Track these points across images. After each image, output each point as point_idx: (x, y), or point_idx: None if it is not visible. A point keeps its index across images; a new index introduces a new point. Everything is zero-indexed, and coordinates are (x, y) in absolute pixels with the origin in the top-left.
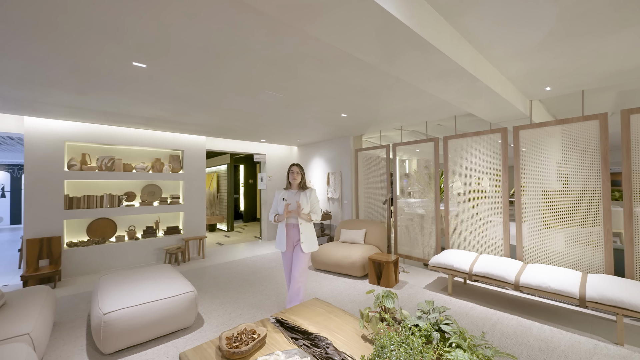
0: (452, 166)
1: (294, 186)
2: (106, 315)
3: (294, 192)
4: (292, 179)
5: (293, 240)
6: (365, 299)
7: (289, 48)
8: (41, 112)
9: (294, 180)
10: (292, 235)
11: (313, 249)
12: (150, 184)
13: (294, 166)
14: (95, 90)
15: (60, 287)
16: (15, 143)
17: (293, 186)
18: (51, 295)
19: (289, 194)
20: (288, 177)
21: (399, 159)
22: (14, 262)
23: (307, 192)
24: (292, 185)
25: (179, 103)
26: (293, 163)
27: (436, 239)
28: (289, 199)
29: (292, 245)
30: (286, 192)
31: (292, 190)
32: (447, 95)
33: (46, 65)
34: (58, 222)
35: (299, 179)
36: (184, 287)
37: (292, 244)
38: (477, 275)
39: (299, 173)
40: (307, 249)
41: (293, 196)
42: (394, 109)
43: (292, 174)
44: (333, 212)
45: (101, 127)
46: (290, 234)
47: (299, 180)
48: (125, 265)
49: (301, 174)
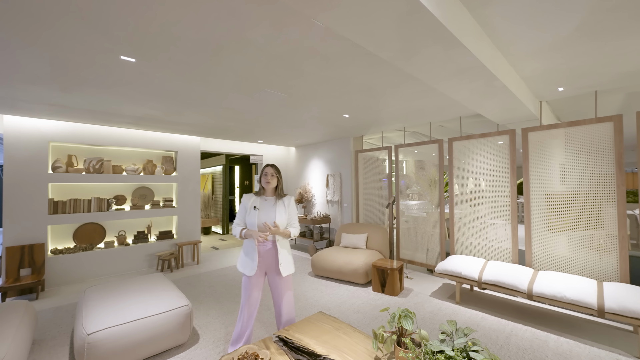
0: (457, 168)
1: (269, 192)
2: (90, 336)
3: (269, 199)
4: (266, 183)
5: (267, 262)
6: (370, 310)
7: (293, 42)
8: (22, 110)
9: (267, 184)
10: (266, 256)
11: (291, 270)
12: (142, 187)
13: (269, 167)
14: (81, 87)
15: (43, 299)
16: None
17: (267, 192)
18: (30, 310)
19: (262, 201)
20: (260, 180)
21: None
22: None
23: (285, 201)
24: (266, 190)
25: (171, 101)
26: (267, 164)
27: (440, 243)
28: (263, 208)
29: (263, 269)
30: (258, 199)
31: (266, 197)
32: (459, 94)
33: (24, 59)
34: (41, 227)
35: (274, 183)
36: (177, 301)
37: (265, 266)
38: (487, 283)
39: (274, 176)
40: (286, 272)
41: (268, 205)
42: (398, 109)
43: (265, 177)
44: (332, 215)
45: (89, 126)
46: (264, 253)
47: (275, 184)
48: (114, 273)
49: (277, 177)
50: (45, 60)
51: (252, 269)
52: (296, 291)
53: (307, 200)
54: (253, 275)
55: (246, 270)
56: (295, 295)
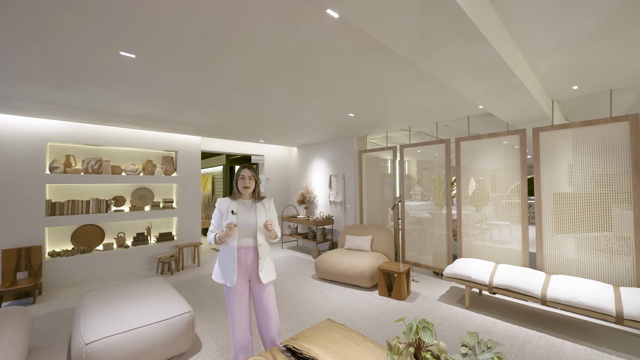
0: (464, 169)
1: (246, 195)
2: (88, 346)
3: (247, 202)
4: (243, 187)
5: (248, 268)
6: (378, 315)
7: (304, 36)
8: (18, 109)
9: (245, 188)
10: (246, 262)
11: (273, 277)
12: (141, 187)
13: (245, 169)
14: (77, 84)
15: (41, 303)
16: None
17: (244, 195)
18: (26, 317)
19: (239, 205)
20: (237, 184)
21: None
22: None
23: (265, 204)
24: (243, 194)
25: (173, 100)
26: (243, 165)
27: (447, 245)
28: (242, 212)
29: (245, 277)
30: (235, 202)
31: (244, 201)
32: (473, 92)
33: (16, 54)
34: (39, 230)
35: (252, 187)
36: (179, 307)
37: (247, 274)
38: (499, 287)
39: (251, 178)
40: (267, 278)
41: (246, 208)
42: (405, 108)
43: (242, 180)
44: (335, 217)
45: (87, 126)
46: (244, 260)
47: (253, 187)
48: (113, 276)
49: (255, 179)
50: (38, 56)
51: (231, 279)
52: (300, 295)
53: (309, 201)
54: (234, 285)
55: (226, 281)
56: (300, 300)
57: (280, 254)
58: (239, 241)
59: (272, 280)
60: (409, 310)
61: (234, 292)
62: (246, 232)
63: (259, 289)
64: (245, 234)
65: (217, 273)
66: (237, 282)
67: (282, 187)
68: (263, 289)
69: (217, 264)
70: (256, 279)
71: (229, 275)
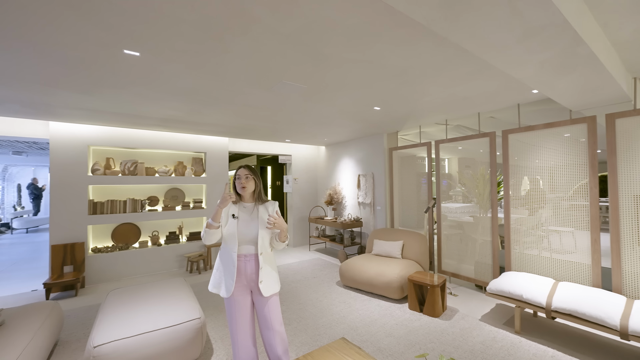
0: (514, 166)
1: (246, 197)
2: (96, 349)
3: (248, 206)
4: (241, 188)
5: (248, 279)
6: (405, 334)
7: (306, 13)
8: (62, 116)
9: (243, 189)
10: (246, 272)
11: (276, 289)
12: (173, 188)
13: (242, 169)
14: (97, 88)
15: (82, 295)
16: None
17: (245, 198)
18: (56, 312)
19: (240, 209)
20: (234, 185)
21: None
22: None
23: (269, 207)
24: (243, 196)
25: (187, 100)
26: (241, 165)
27: (493, 255)
28: (243, 216)
29: (246, 287)
30: (236, 206)
31: (245, 204)
32: (524, 70)
33: (35, 60)
34: (82, 227)
35: (251, 187)
36: (189, 313)
37: (247, 284)
38: (559, 312)
39: (249, 178)
40: (268, 291)
41: (247, 212)
42: (438, 98)
43: (239, 180)
44: (364, 219)
45: (123, 130)
46: (244, 269)
47: (252, 188)
48: (147, 273)
49: (253, 179)
50: (53, 60)
51: (228, 289)
52: (322, 303)
53: (337, 202)
54: (233, 296)
55: (222, 291)
56: (320, 309)
57: (307, 257)
58: (238, 248)
59: (275, 293)
60: (443, 331)
61: (234, 303)
62: (247, 239)
63: (261, 302)
64: (245, 241)
65: (213, 282)
66: (237, 293)
67: (311, 188)
68: (265, 302)
69: (215, 271)
70: (257, 290)
71: (227, 284)
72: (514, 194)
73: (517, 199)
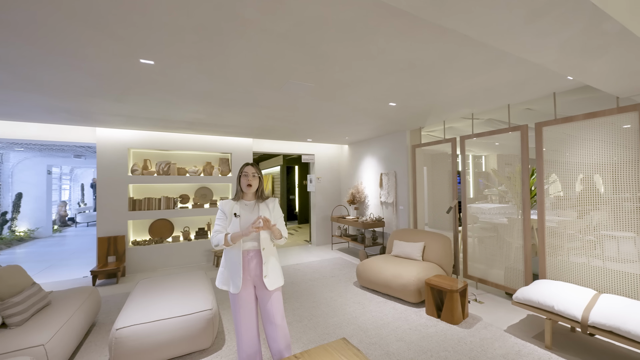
0: (549, 162)
1: (249, 195)
2: (118, 331)
3: (249, 203)
4: (246, 185)
5: (252, 274)
6: (418, 339)
7: (294, 13)
8: (103, 122)
9: (248, 187)
10: (250, 267)
11: (280, 283)
12: (203, 187)
13: (249, 166)
14: (125, 96)
15: (122, 283)
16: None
17: (247, 195)
18: (93, 296)
19: (242, 207)
20: (239, 182)
21: (472, 155)
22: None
23: (269, 204)
24: (246, 194)
25: (206, 103)
26: (246, 162)
27: (525, 260)
28: (244, 214)
29: (250, 282)
30: (237, 204)
31: (246, 202)
32: (544, 55)
33: (71, 73)
34: (123, 222)
35: (255, 185)
36: (202, 304)
37: (251, 280)
38: (597, 327)
39: (255, 176)
40: (272, 285)
41: (248, 210)
42: (458, 91)
43: (245, 178)
44: (387, 219)
45: (158, 133)
46: (249, 265)
47: (256, 186)
48: (178, 265)
49: (259, 177)
50: (85, 72)
51: (236, 285)
52: (336, 303)
53: (359, 202)
54: (239, 292)
55: (231, 288)
56: (333, 308)
57: (329, 256)
58: (242, 244)
59: (279, 287)
60: (461, 339)
61: (239, 298)
62: (249, 236)
63: (265, 296)
64: (248, 237)
65: (221, 279)
66: (242, 289)
67: (334, 187)
68: (269, 297)
69: (221, 269)
70: (261, 285)
71: (235, 281)
72: (556, 192)
73: (563, 199)
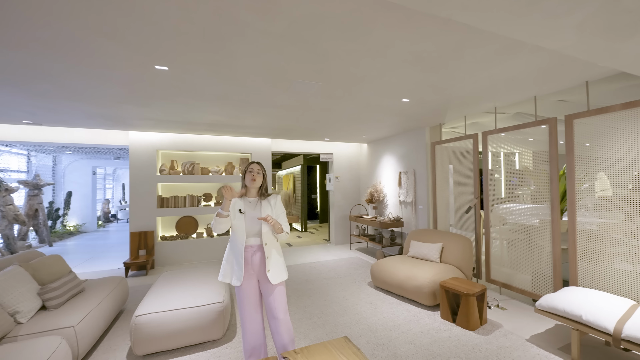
0: (583, 158)
1: (253, 192)
2: (137, 318)
3: (253, 200)
4: (251, 182)
5: (255, 268)
6: (429, 343)
7: (288, 13)
8: (134, 126)
9: (252, 182)
10: (253, 262)
11: (283, 277)
12: None
13: (254, 164)
14: (148, 100)
15: (150, 275)
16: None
17: (251, 192)
18: (122, 285)
19: (245, 203)
20: (244, 178)
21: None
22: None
23: (271, 201)
24: (250, 190)
25: (222, 105)
26: (252, 161)
27: (554, 265)
28: (247, 211)
29: (253, 276)
30: (241, 201)
31: (249, 199)
32: (559, 39)
33: (100, 81)
34: (152, 218)
35: (259, 182)
36: (214, 297)
37: (255, 274)
38: (632, 342)
39: (259, 173)
40: (276, 279)
41: (252, 207)
42: (473, 83)
43: (250, 174)
44: (405, 219)
45: (183, 135)
46: (251, 260)
47: (260, 183)
48: (202, 260)
49: (263, 174)
50: (112, 80)
51: (238, 277)
52: (347, 302)
53: (378, 201)
54: (241, 284)
55: (232, 280)
56: (344, 307)
57: (346, 255)
58: (246, 240)
59: (282, 282)
60: (475, 346)
61: (243, 292)
62: (252, 232)
63: (268, 290)
64: (251, 234)
65: (222, 273)
66: (245, 282)
67: (353, 186)
68: (272, 291)
69: (224, 263)
70: (265, 279)
71: (236, 273)
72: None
73: (607, 200)
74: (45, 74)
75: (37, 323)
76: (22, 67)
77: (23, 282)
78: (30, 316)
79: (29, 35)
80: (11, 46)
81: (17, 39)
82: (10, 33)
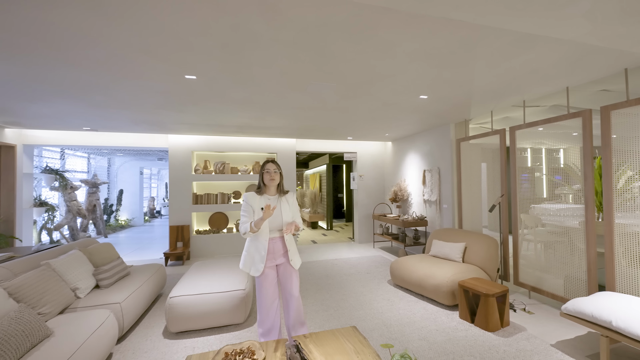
0: (622, 152)
1: (272, 190)
2: (171, 299)
3: (272, 198)
4: (270, 180)
5: (277, 256)
6: (443, 341)
7: (294, 21)
8: (173, 130)
9: (271, 181)
10: (275, 251)
11: (300, 263)
12: (252, 184)
13: (270, 163)
14: (182, 106)
15: (186, 265)
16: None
17: (270, 190)
18: (160, 271)
19: (265, 201)
20: (262, 177)
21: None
22: None
23: (289, 199)
24: (269, 188)
25: (247, 109)
26: (268, 159)
27: (588, 268)
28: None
29: (273, 265)
30: (260, 198)
31: (269, 197)
32: (571, 29)
33: (140, 91)
34: (188, 214)
35: (277, 180)
36: (237, 284)
37: (276, 261)
38: None
39: (277, 172)
40: (297, 264)
41: (272, 204)
42: (493, 77)
43: (268, 174)
44: (430, 218)
45: (215, 137)
46: (273, 250)
47: (278, 181)
48: (231, 253)
49: (280, 172)
50: (150, 89)
51: (257, 269)
52: (365, 297)
53: (401, 200)
54: (261, 274)
55: (251, 271)
56: (361, 302)
57: (369, 253)
58: (270, 233)
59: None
60: (492, 347)
61: (263, 279)
62: (274, 226)
63: (287, 273)
64: (273, 228)
65: (244, 262)
66: (266, 270)
67: (378, 185)
68: (290, 274)
69: (245, 253)
70: (287, 264)
71: (256, 265)
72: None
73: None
74: (99, 86)
75: (92, 298)
76: (79, 81)
77: (82, 264)
78: (87, 292)
79: (81, 54)
80: (68, 62)
81: (73, 57)
82: (69, 52)
